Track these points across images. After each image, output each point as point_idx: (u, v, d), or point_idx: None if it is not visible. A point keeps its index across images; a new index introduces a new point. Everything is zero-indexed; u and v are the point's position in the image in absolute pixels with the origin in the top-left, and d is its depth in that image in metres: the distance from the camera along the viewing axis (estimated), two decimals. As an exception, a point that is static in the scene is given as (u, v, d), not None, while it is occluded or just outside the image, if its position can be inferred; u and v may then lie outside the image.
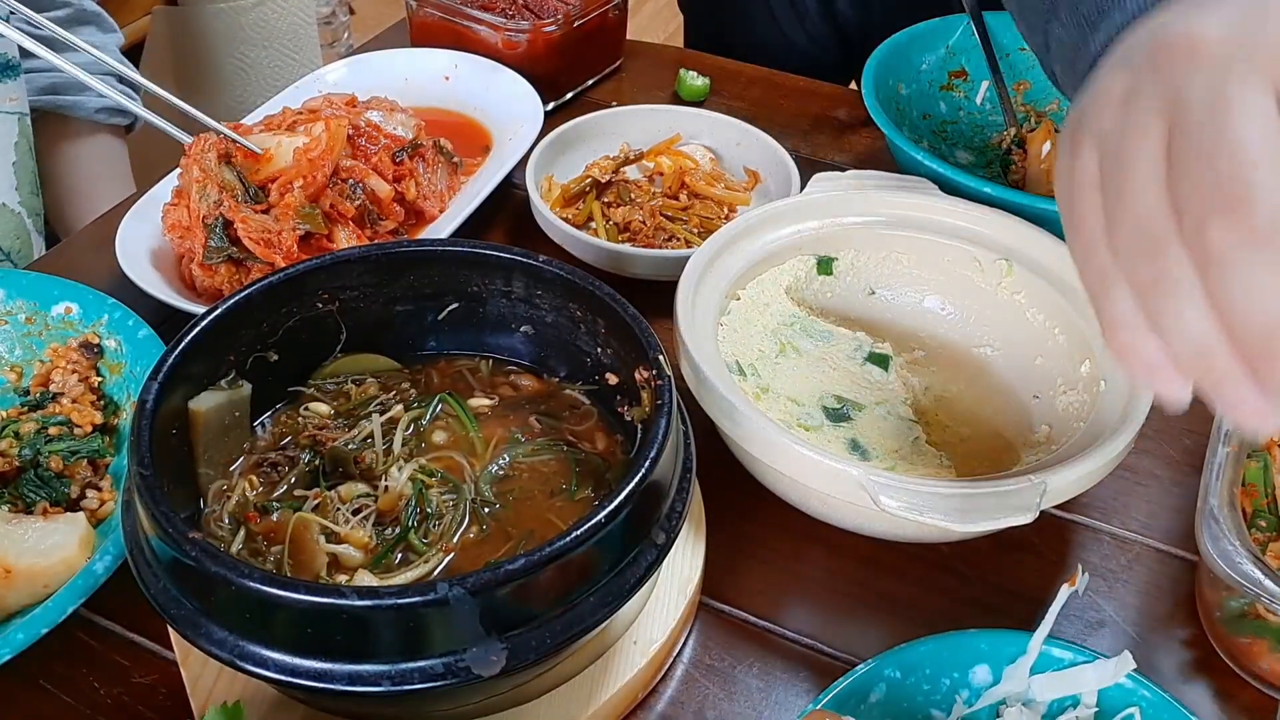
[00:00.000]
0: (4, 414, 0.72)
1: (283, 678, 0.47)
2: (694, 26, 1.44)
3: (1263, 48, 0.40)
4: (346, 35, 2.30)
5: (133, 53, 1.56)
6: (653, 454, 0.52)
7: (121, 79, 1.19)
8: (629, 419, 0.62)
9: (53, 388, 0.74)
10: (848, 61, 1.31)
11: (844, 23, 1.29)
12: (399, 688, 0.47)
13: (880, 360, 0.76)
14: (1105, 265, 0.44)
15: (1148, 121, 0.43)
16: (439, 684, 0.47)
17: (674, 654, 0.63)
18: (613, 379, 0.63)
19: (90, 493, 0.68)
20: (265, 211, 0.81)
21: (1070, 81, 0.66)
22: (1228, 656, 0.63)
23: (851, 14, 1.28)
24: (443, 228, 0.87)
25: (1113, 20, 0.59)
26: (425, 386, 0.67)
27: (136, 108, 0.84)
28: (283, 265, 0.72)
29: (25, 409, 0.73)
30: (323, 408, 0.64)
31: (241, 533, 0.58)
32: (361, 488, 0.59)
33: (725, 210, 0.93)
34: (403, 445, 0.62)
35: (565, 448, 0.63)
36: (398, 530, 0.58)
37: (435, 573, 0.57)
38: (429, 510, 0.59)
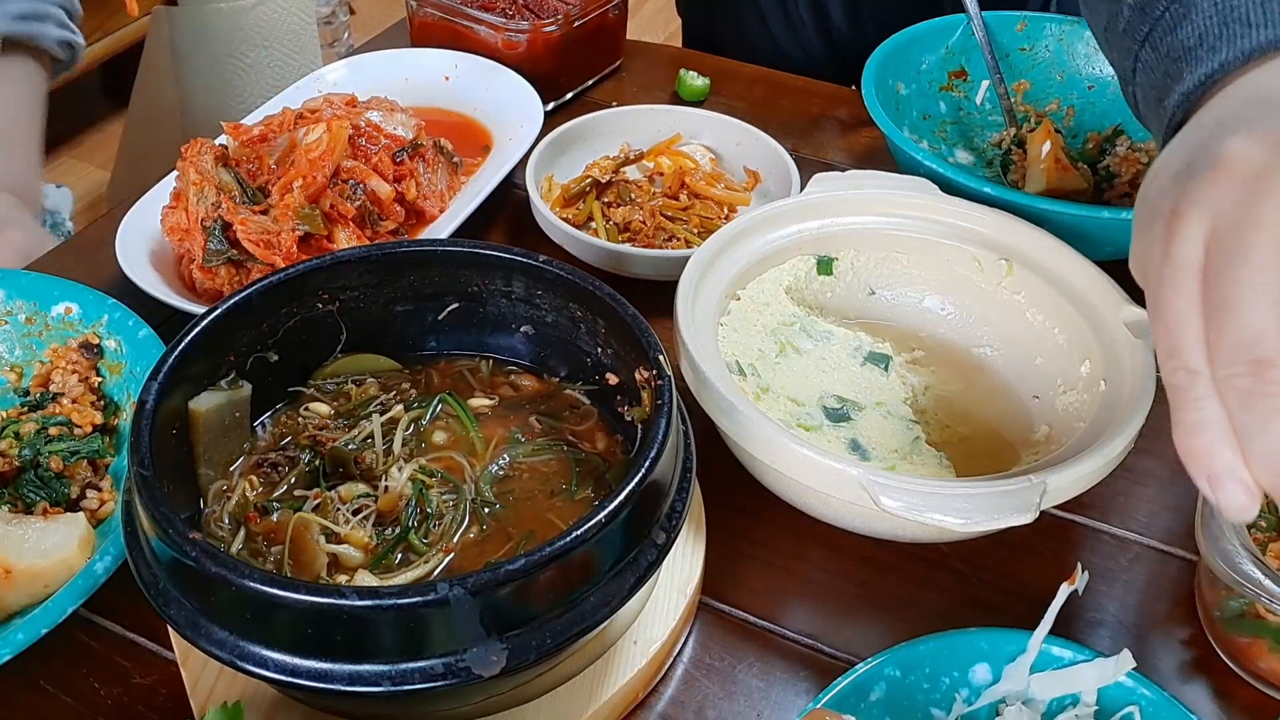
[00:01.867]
0: (4, 414, 0.72)
1: (283, 678, 0.47)
2: (690, 34, 1.44)
3: None
4: (346, 35, 2.30)
5: (133, 52, 1.56)
6: (653, 454, 0.52)
7: (70, 13, 1.18)
8: (629, 419, 0.62)
9: (53, 388, 0.74)
10: (841, 73, 1.31)
11: (838, 36, 1.29)
12: (399, 688, 0.47)
13: (880, 360, 0.76)
14: (1195, 364, 0.41)
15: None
16: (439, 684, 0.47)
17: (674, 654, 0.63)
18: (613, 379, 0.63)
19: (90, 493, 0.68)
20: (264, 212, 0.81)
21: (1154, 116, 0.60)
22: (1227, 656, 0.63)
23: (845, 27, 1.28)
24: (443, 228, 0.87)
25: (1219, 55, 0.52)
26: (425, 387, 0.67)
27: None
28: (282, 266, 0.72)
29: (25, 409, 0.73)
30: (323, 408, 0.64)
31: (241, 533, 0.58)
32: (361, 488, 0.59)
33: (725, 210, 0.93)
34: (403, 445, 0.62)
35: (565, 448, 0.63)
36: (398, 530, 0.58)
37: (435, 573, 0.57)
38: (429, 510, 0.59)
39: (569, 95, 1.12)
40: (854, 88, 1.13)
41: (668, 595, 0.62)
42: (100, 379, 0.75)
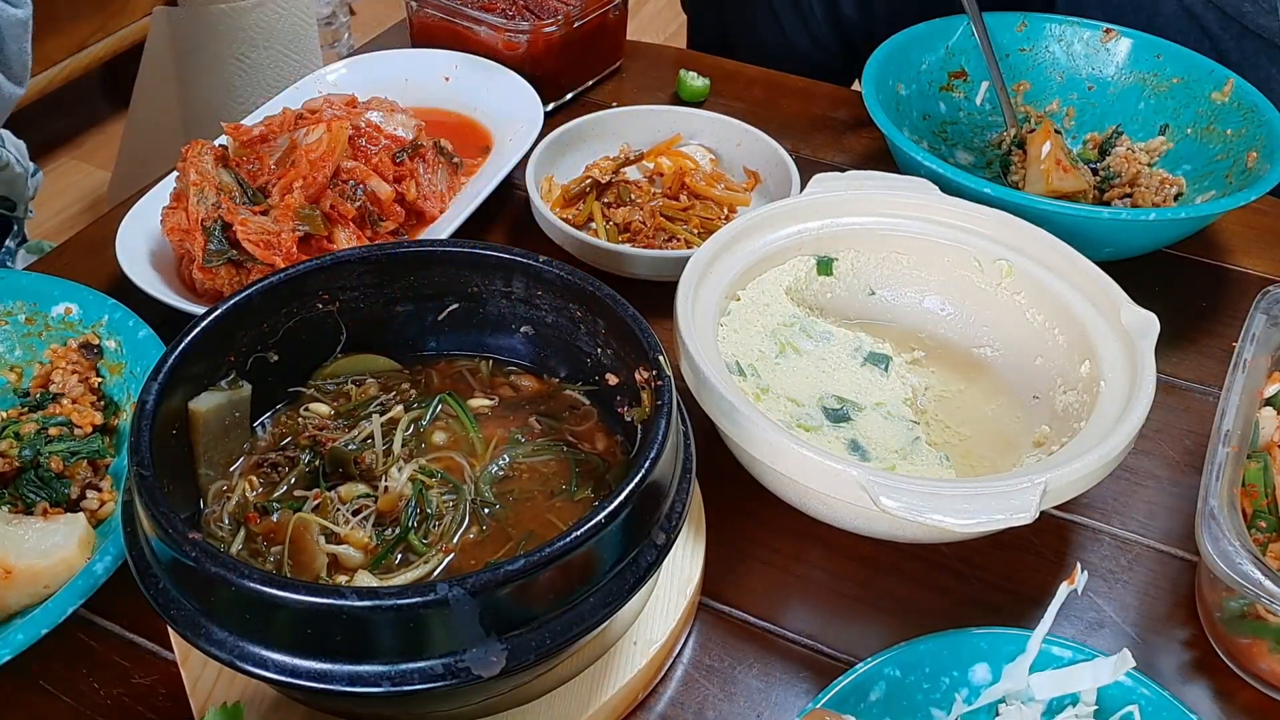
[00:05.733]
0: (4, 414, 0.72)
1: (283, 678, 0.47)
2: (696, 27, 1.44)
3: None
4: (347, 35, 2.31)
5: (133, 53, 1.56)
6: (653, 454, 0.52)
7: None
8: (629, 419, 0.62)
9: (53, 388, 0.73)
10: (849, 65, 1.31)
11: (847, 25, 1.29)
12: (399, 688, 0.47)
13: (880, 360, 0.76)
14: None
15: None
16: (439, 684, 0.47)
17: (674, 654, 0.63)
18: (613, 379, 0.63)
19: (90, 493, 0.68)
20: (264, 213, 0.81)
21: None
22: (1227, 656, 0.63)
23: (855, 16, 1.27)
24: (443, 228, 0.87)
25: None
26: (425, 387, 0.67)
27: None
28: (282, 266, 0.72)
29: (25, 409, 0.72)
30: (323, 408, 0.64)
31: (241, 533, 0.58)
32: (361, 488, 0.59)
33: (725, 210, 0.93)
34: (403, 446, 0.62)
35: (565, 448, 0.63)
36: (398, 531, 0.58)
37: (435, 573, 0.57)
38: (429, 511, 0.59)
39: (569, 96, 1.12)
40: (854, 87, 1.14)
41: (668, 595, 0.62)
42: (100, 379, 0.75)
